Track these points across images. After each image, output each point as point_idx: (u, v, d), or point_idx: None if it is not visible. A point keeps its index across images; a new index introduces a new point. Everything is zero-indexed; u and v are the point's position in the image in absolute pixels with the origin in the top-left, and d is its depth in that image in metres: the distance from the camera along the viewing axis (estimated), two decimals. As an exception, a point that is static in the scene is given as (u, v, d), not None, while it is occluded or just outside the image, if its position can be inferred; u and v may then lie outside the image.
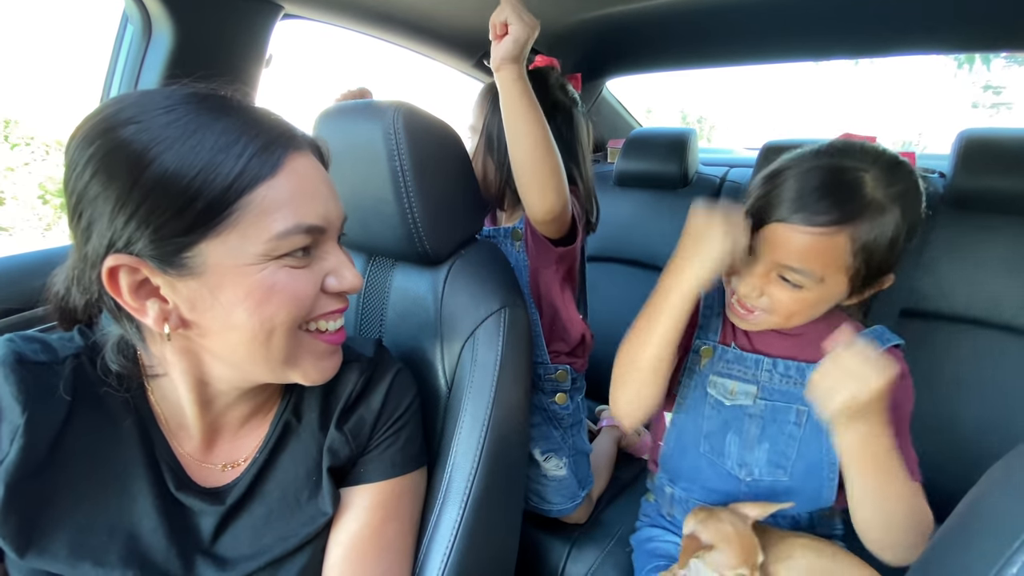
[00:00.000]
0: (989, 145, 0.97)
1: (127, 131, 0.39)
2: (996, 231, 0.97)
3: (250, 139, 0.41)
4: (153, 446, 0.49)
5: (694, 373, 0.74)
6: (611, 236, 1.40)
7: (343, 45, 1.20)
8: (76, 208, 0.40)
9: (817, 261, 0.59)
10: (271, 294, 0.43)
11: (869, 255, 0.59)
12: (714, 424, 0.72)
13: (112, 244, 0.39)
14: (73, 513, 0.45)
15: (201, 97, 0.42)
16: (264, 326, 0.43)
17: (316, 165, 0.47)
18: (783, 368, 0.70)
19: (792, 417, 0.69)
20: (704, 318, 0.76)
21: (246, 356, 0.45)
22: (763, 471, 0.70)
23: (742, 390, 0.71)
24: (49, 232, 3.07)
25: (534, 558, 0.89)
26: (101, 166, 0.38)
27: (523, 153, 0.71)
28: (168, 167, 0.38)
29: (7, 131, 2.96)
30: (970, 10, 0.99)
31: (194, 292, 0.42)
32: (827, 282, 0.61)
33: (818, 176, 0.60)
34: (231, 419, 0.52)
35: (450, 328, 0.67)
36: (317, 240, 0.46)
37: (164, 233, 0.39)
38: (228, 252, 0.41)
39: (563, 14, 1.12)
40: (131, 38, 0.86)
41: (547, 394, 0.87)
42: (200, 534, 0.50)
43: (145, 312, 0.42)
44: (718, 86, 16.37)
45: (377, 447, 0.55)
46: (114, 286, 0.41)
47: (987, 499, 0.35)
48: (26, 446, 0.42)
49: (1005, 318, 0.94)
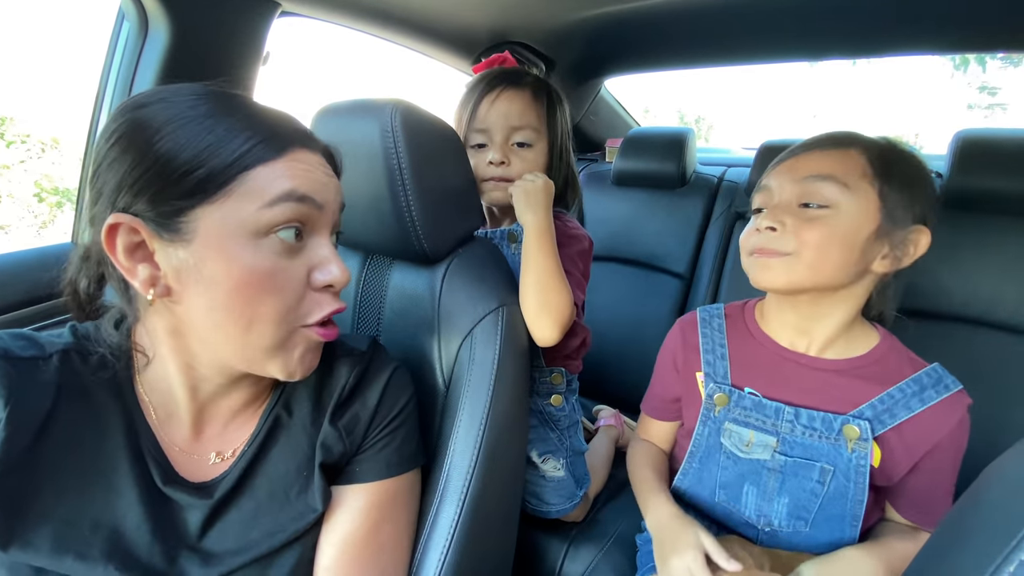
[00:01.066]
0: (986, 146, 0.98)
1: (153, 109, 0.43)
2: (993, 231, 0.97)
3: (257, 129, 0.44)
4: (139, 439, 0.49)
5: (708, 420, 0.69)
6: (609, 235, 1.40)
7: (341, 43, 1.20)
8: (95, 173, 0.44)
9: (837, 166, 0.58)
10: (252, 277, 0.44)
11: (890, 168, 0.58)
12: (729, 475, 0.68)
13: (114, 203, 0.42)
14: (57, 506, 0.45)
15: (223, 95, 0.46)
16: (245, 312, 0.44)
17: (324, 164, 0.49)
18: (807, 419, 0.63)
19: (815, 475, 0.62)
20: (708, 365, 0.71)
21: (224, 340, 0.46)
22: (783, 522, 0.65)
23: (760, 441, 0.65)
24: (44, 230, 3.05)
25: (531, 557, 0.89)
26: (124, 134, 0.42)
27: (534, 283, 0.72)
28: (180, 140, 0.42)
29: (2, 129, 2.95)
30: (967, 10, 0.99)
31: (182, 261, 0.43)
32: (855, 192, 0.57)
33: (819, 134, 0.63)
34: (221, 408, 0.52)
35: (448, 327, 0.67)
36: (310, 222, 0.47)
37: (165, 195, 0.42)
38: (221, 219, 0.43)
39: (561, 13, 1.12)
40: (127, 35, 0.85)
41: (542, 396, 0.87)
42: (187, 529, 0.49)
43: (135, 273, 0.43)
44: (715, 86, 16.41)
45: (372, 446, 0.55)
46: (111, 244, 0.43)
47: (985, 496, 0.36)
48: (8, 439, 0.43)
49: (1002, 317, 0.95)
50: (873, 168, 0.57)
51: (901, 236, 0.58)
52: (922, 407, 0.59)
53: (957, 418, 0.58)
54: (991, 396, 0.93)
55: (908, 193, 0.58)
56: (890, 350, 0.64)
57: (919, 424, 0.59)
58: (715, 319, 0.74)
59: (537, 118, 0.82)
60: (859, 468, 0.60)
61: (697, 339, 0.73)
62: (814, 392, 0.63)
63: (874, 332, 0.65)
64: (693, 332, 0.74)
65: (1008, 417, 0.91)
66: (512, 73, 0.85)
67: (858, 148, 0.59)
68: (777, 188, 0.61)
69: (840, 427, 0.60)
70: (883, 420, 0.60)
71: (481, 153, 0.82)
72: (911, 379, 0.60)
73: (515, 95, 0.81)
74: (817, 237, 0.56)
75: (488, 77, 0.83)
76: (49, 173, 3.04)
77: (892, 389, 0.60)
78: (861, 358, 0.63)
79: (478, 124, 0.81)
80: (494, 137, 0.81)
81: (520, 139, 0.81)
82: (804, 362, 0.65)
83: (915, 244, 0.59)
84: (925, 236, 0.59)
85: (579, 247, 0.82)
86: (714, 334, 0.72)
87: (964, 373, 0.95)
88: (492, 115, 0.80)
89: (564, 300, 0.72)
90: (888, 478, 0.62)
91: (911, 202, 0.58)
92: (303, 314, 0.48)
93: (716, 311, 0.75)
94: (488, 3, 0.68)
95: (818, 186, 0.57)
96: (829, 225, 0.56)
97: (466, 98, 0.83)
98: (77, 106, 0.45)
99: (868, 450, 0.59)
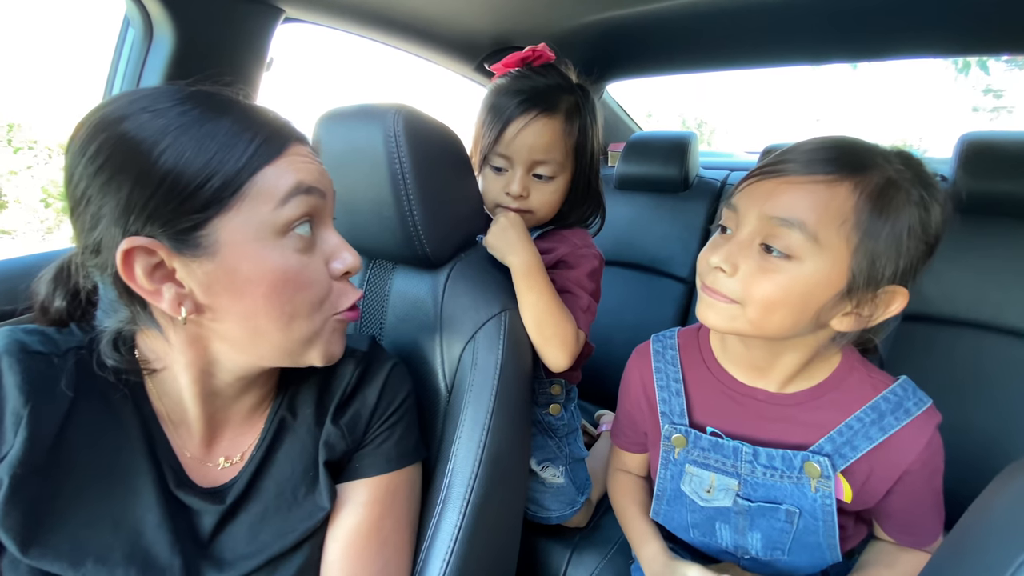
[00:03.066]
0: (991, 149, 0.97)
1: (140, 119, 0.40)
2: (999, 234, 0.97)
3: (257, 129, 0.44)
4: (154, 443, 0.49)
5: (669, 463, 0.66)
6: (611, 239, 1.40)
7: (344, 48, 1.20)
8: (82, 197, 0.41)
9: (813, 211, 0.48)
10: (286, 278, 0.45)
11: (886, 212, 0.48)
12: (698, 517, 0.66)
13: (125, 228, 0.40)
14: (77, 508, 0.44)
15: (208, 94, 0.45)
16: (285, 311, 0.45)
17: (311, 152, 0.50)
18: (766, 458, 0.58)
19: (781, 516, 0.59)
20: (663, 403, 0.66)
21: (263, 340, 0.46)
22: (759, 552, 0.63)
23: (721, 485, 0.61)
24: (51, 235, 3.07)
25: (535, 563, 0.89)
26: (112, 154, 0.39)
27: (532, 320, 0.71)
28: (185, 150, 0.40)
29: (10, 135, 2.97)
30: (970, 13, 0.99)
31: (210, 274, 0.42)
32: (823, 250, 0.48)
33: (817, 139, 0.53)
34: (231, 414, 0.52)
35: (450, 331, 0.66)
36: (317, 214, 0.48)
37: (180, 211, 0.40)
38: (240, 226, 0.42)
39: (564, 18, 1.13)
40: (132, 41, 0.86)
41: (541, 406, 0.87)
42: (199, 533, 0.49)
43: (160, 296, 0.42)
44: (718, 90, 16.42)
45: (372, 442, 0.55)
46: (128, 271, 0.41)
47: (994, 507, 0.35)
48: (30, 438, 0.42)
49: (1010, 322, 0.94)
50: (859, 214, 0.48)
51: (870, 296, 0.50)
52: (883, 436, 0.55)
53: (924, 441, 0.54)
54: (999, 401, 0.92)
55: (897, 246, 0.48)
56: (851, 372, 0.59)
57: (884, 452, 0.56)
58: (668, 351, 0.69)
59: (564, 152, 0.76)
60: (825, 507, 0.57)
61: (652, 373, 0.68)
62: (774, 427, 0.60)
63: (836, 355, 0.59)
64: (648, 365, 0.70)
65: (1016, 423, 0.90)
66: (548, 94, 0.75)
67: (852, 182, 0.48)
68: (743, 215, 0.52)
69: (800, 464, 0.57)
70: (844, 454, 0.56)
71: (499, 178, 0.78)
72: (868, 407, 0.56)
73: (546, 126, 0.74)
74: (766, 292, 0.49)
75: (521, 96, 0.74)
76: (56, 179, 3.06)
77: (850, 419, 0.56)
78: (818, 387, 0.59)
79: (501, 148, 0.75)
80: (515, 166, 0.76)
81: (541, 172, 0.76)
82: (762, 398, 0.60)
83: (885, 305, 0.51)
84: (900, 297, 0.50)
85: (589, 267, 0.79)
86: (668, 368, 0.67)
87: (971, 378, 0.95)
88: (517, 143, 0.74)
89: (566, 329, 0.72)
90: (864, 503, 0.59)
91: (898, 254, 0.49)
92: (333, 303, 0.50)
93: (670, 341, 0.70)
94: (490, 8, 0.68)
95: (784, 231, 0.49)
96: (784, 281, 0.49)
97: (493, 112, 0.76)
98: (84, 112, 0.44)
99: (831, 488, 0.56)
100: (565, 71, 0.80)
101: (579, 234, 0.83)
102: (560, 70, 0.80)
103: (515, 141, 0.74)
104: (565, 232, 0.82)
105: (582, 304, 0.76)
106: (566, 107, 0.76)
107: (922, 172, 0.51)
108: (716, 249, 0.53)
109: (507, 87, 0.77)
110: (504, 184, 0.77)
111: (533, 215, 0.79)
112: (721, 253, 0.52)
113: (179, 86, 0.44)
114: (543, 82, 0.76)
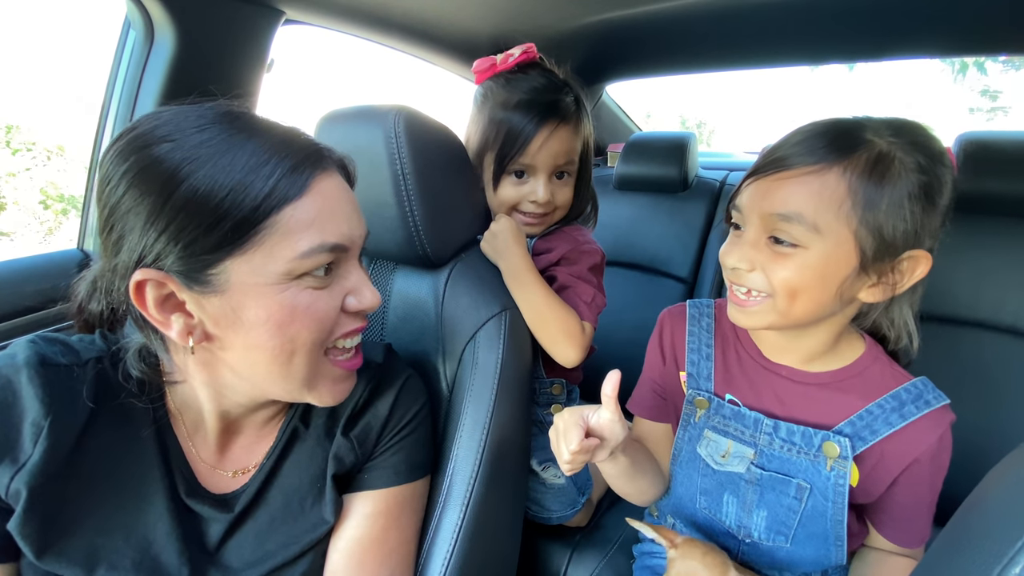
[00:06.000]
0: (989, 148, 0.97)
1: (161, 149, 0.40)
2: (997, 234, 0.97)
3: (279, 160, 0.42)
4: (168, 452, 0.49)
5: (688, 425, 0.67)
6: (611, 240, 1.40)
7: (345, 50, 1.20)
8: (108, 220, 0.41)
9: (808, 202, 0.50)
10: (293, 315, 0.43)
11: (880, 187, 0.49)
12: (709, 483, 0.66)
13: (141, 259, 0.40)
14: (92, 516, 0.45)
15: (233, 116, 0.43)
16: (286, 347, 0.44)
17: (342, 184, 0.48)
18: (786, 432, 0.60)
19: (792, 491, 0.61)
20: (692, 364, 0.68)
21: (265, 374, 0.46)
22: (762, 535, 0.64)
23: (737, 452, 0.63)
24: (50, 237, 3.07)
25: (535, 562, 0.89)
26: (135, 182, 0.40)
27: (532, 319, 0.72)
28: (199, 186, 0.39)
29: (8, 136, 2.97)
30: (967, 13, 0.99)
31: (218, 309, 0.42)
32: (826, 236, 0.50)
33: (806, 126, 0.55)
34: (247, 425, 0.53)
35: (451, 331, 0.67)
36: (339, 258, 0.47)
37: (193, 250, 0.40)
38: (252, 270, 0.42)
39: (563, 19, 1.13)
40: (133, 43, 0.86)
41: (542, 406, 0.87)
42: (207, 541, 0.50)
43: (169, 326, 0.42)
44: (717, 91, 16.45)
45: (382, 454, 0.55)
46: (140, 299, 0.41)
47: (989, 499, 0.35)
48: (50, 448, 0.43)
49: (1009, 321, 0.94)
50: (854, 195, 0.49)
51: (890, 265, 0.52)
52: (903, 423, 0.57)
53: (938, 434, 0.56)
54: (996, 399, 0.92)
55: (901, 213, 0.50)
56: (874, 361, 0.60)
57: (899, 440, 0.57)
58: (704, 317, 0.70)
59: (576, 151, 0.80)
60: (838, 488, 0.58)
61: (684, 335, 0.70)
62: (795, 404, 0.61)
63: (860, 341, 0.62)
64: (681, 326, 0.71)
65: (1013, 420, 0.90)
66: (556, 101, 0.76)
67: (841, 166, 0.50)
68: (747, 215, 0.55)
69: (820, 443, 0.58)
70: (863, 437, 0.58)
71: (520, 185, 0.78)
72: (889, 395, 0.58)
73: (565, 132, 0.76)
74: (785, 278, 0.52)
75: (537, 107, 0.74)
76: (55, 180, 3.06)
77: (872, 405, 0.58)
78: (844, 370, 0.60)
79: (526, 159, 0.75)
80: (538, 173, 0.77)
81: (561, 171, 0.79)
82: (786, 374, 0.62)
83: (910, 271, 0.53)
84: (924, 261, 0.52)
85: (592, 262, 0.81)
86: (702, 333, 0.69)
87: (969, 376, 0.95)
88: (543, 153, 0.75)
89: (568, 323, 0.72)
90: (868, 495, 0.60)
91: (904, 221, 0.50)
92: (335, 333, 0.48)
93: (707, 308, 0.71)
94: (490, 9, 0.68)
95: (786, 225, 0.51)
96: (798, 266, 0.52)
97: (506, 126, 0.75)
98: (82, 114, 0.44)
99: (847, 469, 0.57)
100: (549, 67, 0.81)
101: (579, 231, 0.84)
102: (544, 67, 0.80)
103: (540, 151, 0.75)
104: (566, 229, 0.83)
105: (585, 297, 0.77)
106: (572, 109, 0.78)
107: (917, 137, 0.52)
108: (731, 250, 0.56)
109: (512, 99, 0.76)
110: (528, 191, 0.78)
111: (552, 215, 0.82)
112: (735, 255, 0.55)
113: (205, 107, 0.43)
114: (543, 83, 0.77)
